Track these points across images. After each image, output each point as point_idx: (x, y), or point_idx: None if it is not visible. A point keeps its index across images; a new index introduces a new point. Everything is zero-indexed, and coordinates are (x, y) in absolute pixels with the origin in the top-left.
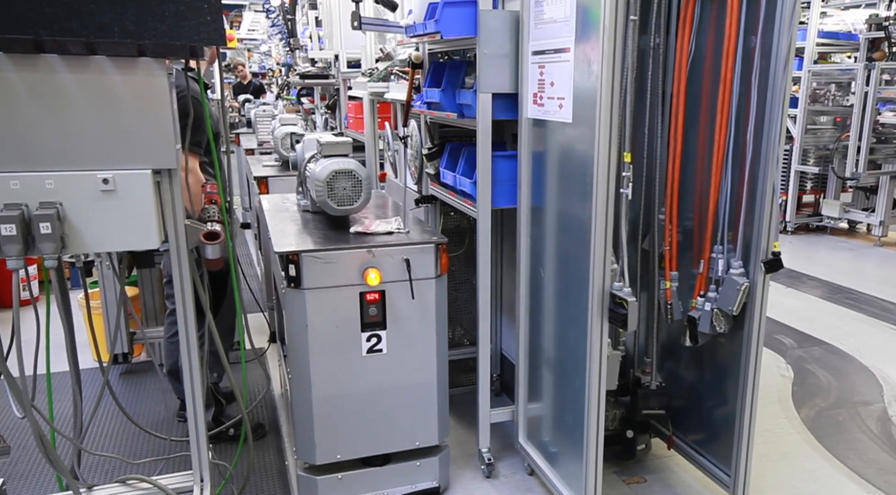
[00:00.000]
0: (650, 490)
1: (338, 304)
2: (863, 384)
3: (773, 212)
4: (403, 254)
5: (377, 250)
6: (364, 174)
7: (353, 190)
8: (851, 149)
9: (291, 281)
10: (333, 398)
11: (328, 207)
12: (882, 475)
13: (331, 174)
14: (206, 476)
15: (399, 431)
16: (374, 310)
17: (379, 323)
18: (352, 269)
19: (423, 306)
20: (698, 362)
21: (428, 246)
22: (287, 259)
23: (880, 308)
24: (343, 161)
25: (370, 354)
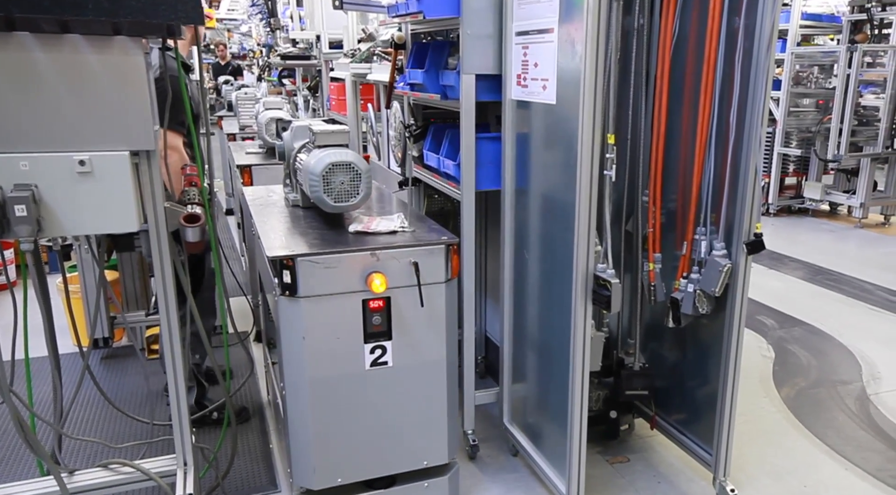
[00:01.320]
0: (633, 469)
1: (338, 314)
2: (842, 363)
3: (755, 193)
4: (411, 257)
5: (381, 252)
6: (364, 167)
7: (351, 184)
8: (833, 131)
9: (286, 288)
10: (333, 416)
11: (324, 204)
12: (859, 452)
13: (327, 167)
14: (190, 460)
15: (405, 450)
16: (379, 318)
17: (384, 333)
18: (353, 275)
19: (432, 313)
20: (681, 343)
21: (437, 247)
22: (281, 264)
23: (860, 288)
24: (340, 152)
25: (374, 367)
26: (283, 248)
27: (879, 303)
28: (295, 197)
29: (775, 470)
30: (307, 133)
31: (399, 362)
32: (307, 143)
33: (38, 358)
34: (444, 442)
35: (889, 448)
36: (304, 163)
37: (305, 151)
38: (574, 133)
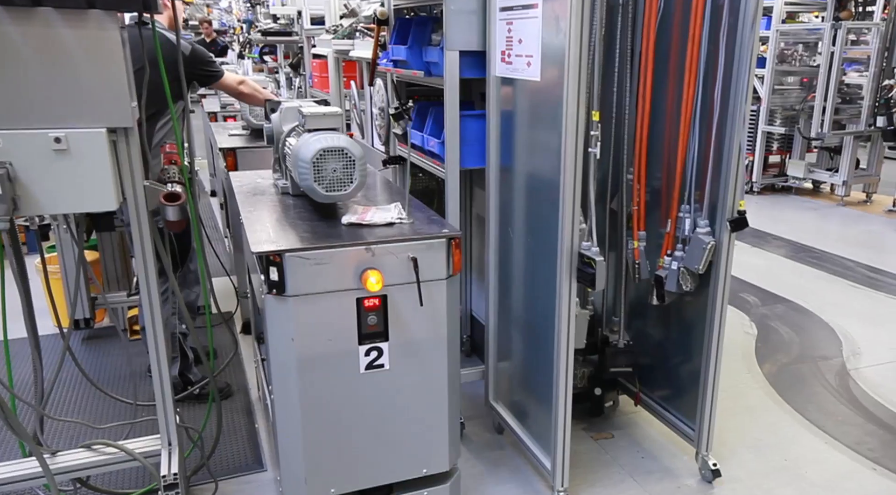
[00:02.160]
0: (617, 445)
1: (330, 314)
2: (823, 339)
3: (738, 171)
4: (409, 252)
5: (378, 247)
6: (358, 152)
7: (344, 172)
8: (817, 109)
9: (273, 286)
10: (325, 423)
11: (315, 193)
12: (839, 426)
13: (318, 153)
14: (174, 439)
15: (404, 458)
16: (374, 318)
17: (380, 333)
18: (347, 271)
19: (432, 312)
20: (665, 320)
21: (438, 240)
22: (267, 260)
23: (841, 266)
24: (332, 137)
25: (370, 371)
26: (270, 243)
27: (860, 279)
28: (284, 184)
29: (756, 445)
30: (297, 115)
31: (396, 365)
32: (297, 127)
33: (17, 339)
34: (444, 449)
35: (867, 421)
36: (293, 149)
37: (295, 135)
38: (559, 110)
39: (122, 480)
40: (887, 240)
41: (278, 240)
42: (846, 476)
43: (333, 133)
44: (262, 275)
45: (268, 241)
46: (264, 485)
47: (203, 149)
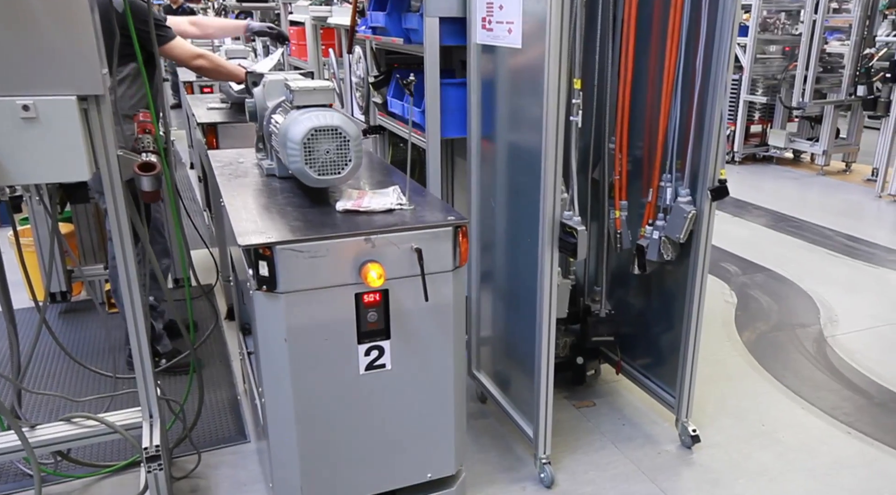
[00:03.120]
0: (599, 412)
1: (327, 311)
2: (801, 308)
3: (720, 139)
4: (413, 242)
5: (378, 237)
6: (353, 132)
7: (338, 153)
8: (798, 78)
9: (263, 282)
10: (322, 428)
11: (305, 177)
12: (816, 392)
13: (309, 133)
14: (156, 412)
15: (407, 463)
16: (375, 315)
17: (381, 331)
18: (345, 264)
19: (437, 307)
20: (646, 290)
21: (444, 229)
22: (256, 254)
23: (820, 235)
24: (324, 114)
25: (370, 371)
26: (259, 234)
27: (838, 248)
28: (270, 165)
29: (735, 411)
30: (283, 89)
31: (399, 364)
32: (283, 102)
33: None
34: (450, 452)
35: (843, 387)
36: (280, 128)
37: (281, 112)
38: (540, 78)
39: (104, 453)
40: (865, 209)
41: (267, 230)
42: (821, 439)
43: (325, 110)
44: (251, 270)
45: (255, 232)
46: (248, 456)
47: (178, 120)
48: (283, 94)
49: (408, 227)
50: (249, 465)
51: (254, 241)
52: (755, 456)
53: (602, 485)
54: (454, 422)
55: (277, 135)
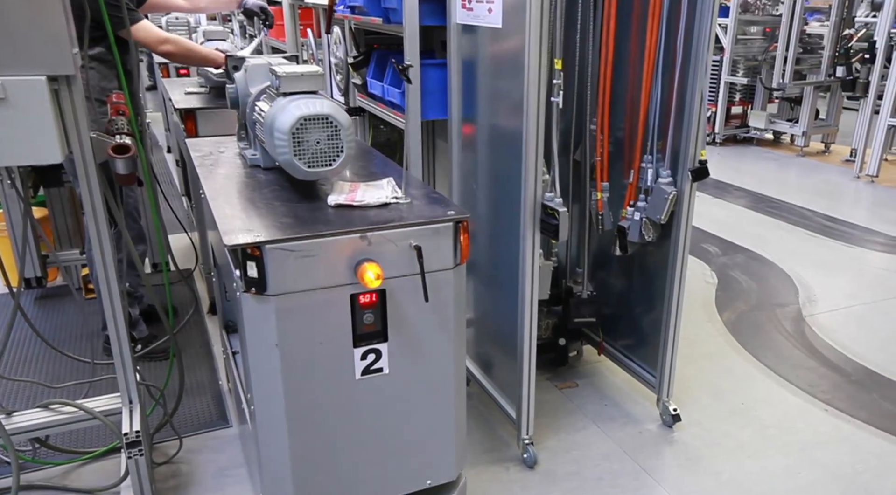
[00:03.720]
0: (581, 393)
1: (320, 313)
2: (780, 287)
3: (700, 120)
4: (411, 239)
5: (374, 234)
6: (345, 121)
7: (330, 144)
8: (779, 59)
9: (251, 284)
10: (316, 437)
11: (294, 169)
12: (794, 370)
13: (298, 122)
14: (135, 397)
15: (405, 470)
16: (371, 316)
17: (378, 333)
18: (339, 263)
19: (437, 307)
20: (628, 271)
21: (444, 225)
22: (244, 254)
23: (799, 215)
24: (314, 102)
25: (367, 376)
26: (246, 232)
27: (817, 228)
28: (254, 155)
29: (715, 390)
30: (267, 74)
31: (397, 368)
32: (267, 88)
33: None
34: (451, 456)
35: (821, 365)
36: (266, 117)
37: (266, 99)
38: (520, 58)
39: (84, 439)
40: (844, 190)
41: (255, 228)
42: (799, 416)
43: (314, 97)
44: (238, 271)
45: (243, 230)
46: (230, 441)
47: (154, 102)
48: (268, 79)
49: (406, 223)
50: (231, 450)
51: (241, 241)
52: (734, 434)
53: (584, 465)
54: (455, 427)
55: (263, 125)
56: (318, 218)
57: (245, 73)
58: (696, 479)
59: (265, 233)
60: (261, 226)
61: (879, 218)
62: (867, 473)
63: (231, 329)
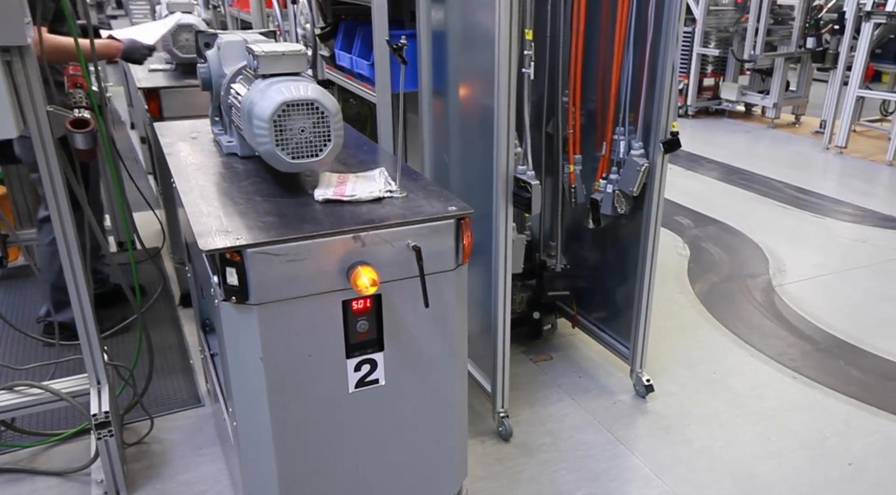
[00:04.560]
0: (556, 366)
1: (309, 323)
2: (751, 258)
3: (672, 91)
4: (409, 238)
5: (368, 234)
6: (333, 106)
7: (316, 132)
8: (750, 30)
9: (232, 292)
10: (307, 455)
11: (277, 161)
12: (764, 339)
13: (280, 108)
14: (103, 377)
15: (403, 486)
16: (365, 323)
17: (372, 342)
18: (330, 267)
19: (437, 311)
20: (601, 244)
21: (445, 222)
22: (223, 260)
23: (770, 187)
24: (297, 85)
25: (361, 389)
26: (224, 233)
27: (787, 200)
28: (230, 142)
29: (688, 360)
30: (242, 53)
31: (394, 378)
32: (244, 69)
33: None
34: (452, 470)
35: (790, 334)
36: (244, 102)
37: (243, 81)
38: (491, 28)
39: (51, 422)
40: (813, 161)
41: (234, 228)
42: (768, 385)
43: (297, 79)
44: (215, 277)
45: (220, 232)
46: (202, 420)
47: (115, 75)
48: (244, 58)
49: (404, 221)
50: (205, 429)
51: (219, 245)
52: (706, 403)
53: (559, 436)
54: (455, 438)
55: (240, 110)
56: (305, 215)
57: (218, 52)
58: (668, 448)
59: (246, 234)
60: (241, 226)
61: (847, 188)
62: (834, 438)
63: (209, 329)
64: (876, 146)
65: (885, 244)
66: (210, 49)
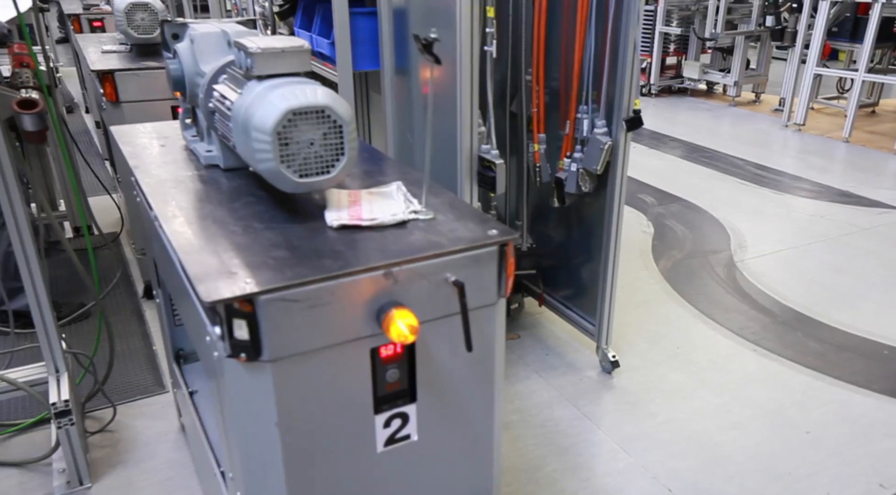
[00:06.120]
0: (523, 344)
1: (333, 377)
2: (713, 235)
3: (633, 69)
4: (448, 271)
5: (401, 270)
6: (346, 113)
7: (326, 145)
8: (711, 9)
9: (240, 349)
10: None
11: (280, 180)
12: (726, 314)
13: (285, 118)
14: (62, 365)
15: None
16: (396, 372)
17: (404, 392)
18: (357, 310)
19: (477, 352)
20: (566, 222)
21: (487, 250)
22: (229, 311)
23: (731, 164)
24: (304, 88)
25: (392, 446)
26: (228, 277)
27: (748, 177)
28: (209, 152)
29: (652, 336)
30: (223, 47)
31: (428, 433)
32: (228, 67)
33: None
34: None
35: (751, 308)
36: (236, 108)
37: (230, 82)
38: (452, 5)
39: (8, 412)
40: (773, 139)
41: (238, 268)
42: (730, 358)
43: (301, 81)
44: (217, 329)
45: (223, 274)
46: (167, 407)
47: (66, 56)
48: (225, 53)
49: (441, 252)
50: (169, 415)
51: (226, 294)
52: (670, 377)
53: (527, 413)
54: (493, 488)
55: (231, 119)
56: (321, 247)
57: (192, 46)
58: (634, 422)
59: (255, 276)
60: (246, 264)
61: (806, 165)
62: (793, 407)
63: (184, 359)
64: (833, 123)
65: (842, 219)
66: (179, 41)
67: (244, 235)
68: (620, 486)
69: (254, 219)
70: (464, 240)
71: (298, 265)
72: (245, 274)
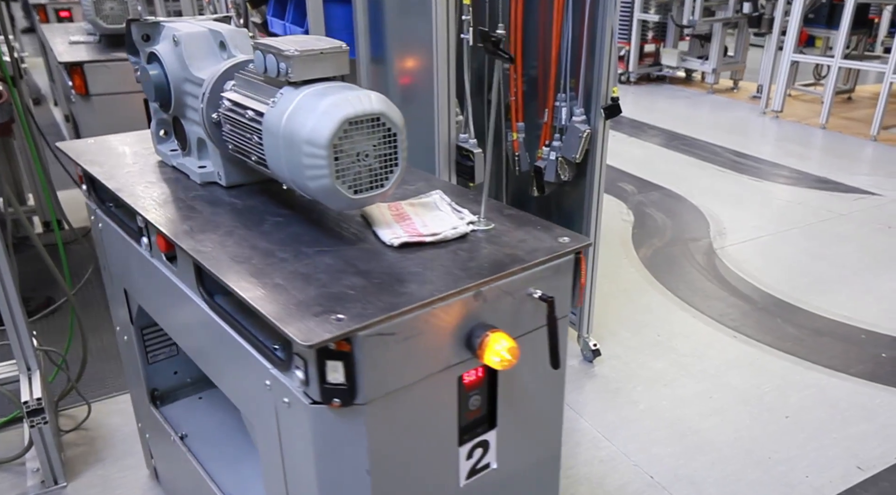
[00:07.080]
0: None
1: (421, 412)
2: (693, 222)
3: (611, 56)
4: (530, 285)
5: (490, 288)
6: (399, 119)
7: (380, 156)
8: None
9: (333, 394)
10: None
11: (334, 198)
12: (706, 301)
13: (341, 128)
14: (33, 363)
15: None
16: (478, 399)
17: (484, 419)
18: (447, 337)
19: (548, 367)
20: (546, 211)
21: (565, 259)
22: (324, 353)
23: (710, 151)
24: (355, 95)
25: (474, 477)
26: (315, 315)
27: (727, 164)
28: (203, 168)
29: (633, 324)
30: (212, 49)
31: (507, 459)
32: (238, 71)
33: None
34: None
35: (730, 295)
36: (270, 120)
37: (244, 89)
38: None
39: None
40: (751, 126)
41: (321, 303)
42: (710, 344)
43: (347, 87)
44: (301, 373)
45: (306, 311)
46: None
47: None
48: (217, 56)
49: (526, 266)
50: None
51: (325, 335)
52: (651, 365)
53: None
54: None
55: (261, 131)
56: (394, 271)
57: (178, 48)
58: (616, 410)
59: (346, 311)
60: (322, 296)
61: (783, 152)
62: (771, 393)
63: (160, 400)
64: (810, 109)
65: (819, 205)
66: (153, 43)
67: (296, 262)
68: (603, 474)
69: (298, 243)
70: (541, 251)
71: (382, 293)
72: (330, 308)
